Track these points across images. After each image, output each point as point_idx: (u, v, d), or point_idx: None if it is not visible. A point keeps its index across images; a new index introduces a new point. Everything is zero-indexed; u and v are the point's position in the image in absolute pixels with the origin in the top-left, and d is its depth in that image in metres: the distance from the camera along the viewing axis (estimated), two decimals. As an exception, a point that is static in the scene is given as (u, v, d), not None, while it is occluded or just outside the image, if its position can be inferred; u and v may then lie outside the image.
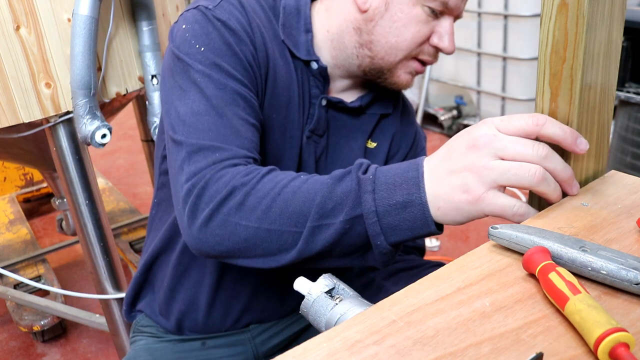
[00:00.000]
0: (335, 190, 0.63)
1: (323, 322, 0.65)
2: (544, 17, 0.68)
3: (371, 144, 0.98)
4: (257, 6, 0.87)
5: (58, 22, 1.26)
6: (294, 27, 0.88)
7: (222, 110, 0.74)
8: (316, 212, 0.63)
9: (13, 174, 2.95)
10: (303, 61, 0.88)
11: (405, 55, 0.86)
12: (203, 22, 0.81)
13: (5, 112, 1.26)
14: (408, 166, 0.64)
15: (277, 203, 0.65)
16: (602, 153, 0.76)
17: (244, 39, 0.81)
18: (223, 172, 0.69)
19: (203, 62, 0.78)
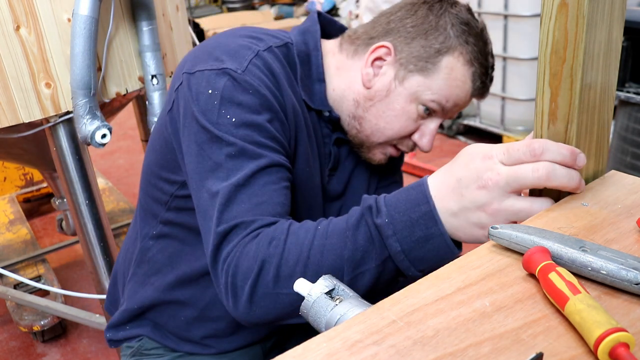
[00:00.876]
0: (357, 240, 0.67)
1: (323, 322, 0.65)
2: (544, 17, 0.68)
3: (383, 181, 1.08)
4: (277, 63, 0.85)
5: (58, 22, 1.26)
6: (307, 75, 0.90)
7: (254, 183, 0.74)
8: (349, 266, 0.67)
9: (13, 174, 2.95)
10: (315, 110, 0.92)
11: (387, 141, 0.92)
12: (232, 89, 0.77)
13: (5, 112, 1.26)
14: (417, 198, 0.66)
15: (310, 267, 0.67)
16: (602, 153, 0.76)
17: (275, 106, 0.80)
18: (249, 246, 0.70)
19: (235, 134, 0.76)
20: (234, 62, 0.79)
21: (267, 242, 0.70)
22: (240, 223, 0.72)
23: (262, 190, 0.74)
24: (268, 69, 0.81)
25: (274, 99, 0.80)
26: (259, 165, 0.75)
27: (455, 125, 3.47)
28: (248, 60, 0.80)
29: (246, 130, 0.76)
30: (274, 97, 0.80)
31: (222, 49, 0.81)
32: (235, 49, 0.82)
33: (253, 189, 0.74)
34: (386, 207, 0.66)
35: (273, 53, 0.85)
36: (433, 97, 0.86)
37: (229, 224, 0.72)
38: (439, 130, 3.69)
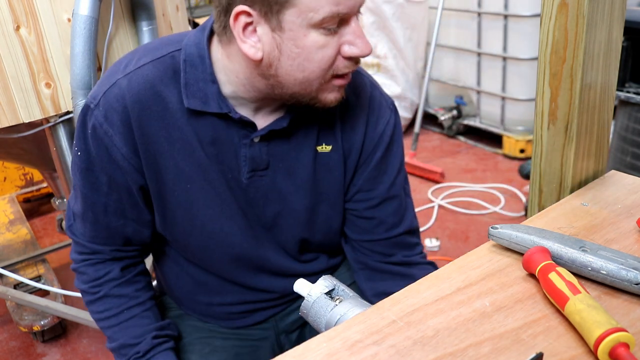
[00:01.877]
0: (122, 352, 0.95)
1: (323, 322, 0.65)
2: (544, 17, 0.68)
3: (325, 147, 0.92)
4: (144, 84, 0.83)
5: (58, 22, 1.26)
6: (200, 79, 0.84)
7: (95, 217, 0.91)
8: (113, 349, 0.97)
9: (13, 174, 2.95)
10: (217, 114, 0.85)
11: (321, 82, 0.81)
12: (80, 124, 0.86)
13: (5, 112, 1.26)
14: None
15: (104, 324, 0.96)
16: (602, 153, 0.76)
17: (115, 145, 0.84)
18: (83, 269, 0.95)
19: (79, 166, 0.88)
20: (94, 91, 0.86)
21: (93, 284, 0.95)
22: (79, 242, 0.95)
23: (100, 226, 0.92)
24: (121, 99, 0.83)
25: (119, 136, 0.84)
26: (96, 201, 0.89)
27: (455, 125, 3.47)
28: (103, 92, 0.85)
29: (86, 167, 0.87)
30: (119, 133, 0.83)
31: (106, 72, 0.89)
32: (107, 73, 0.88)
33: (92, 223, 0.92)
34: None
35: (140, 75, 0.84)
36: (320, 15, 0.75)
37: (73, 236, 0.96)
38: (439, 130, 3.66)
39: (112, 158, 0.85)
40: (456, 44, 3.33)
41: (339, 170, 0.93)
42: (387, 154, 0.95)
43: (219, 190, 0.89)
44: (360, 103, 0.93)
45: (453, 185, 2.85)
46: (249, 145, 0.87)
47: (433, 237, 2.34)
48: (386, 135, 0.94)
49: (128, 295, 0.96)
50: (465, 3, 3.15)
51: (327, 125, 0.92)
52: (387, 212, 0.96)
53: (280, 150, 0.89)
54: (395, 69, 3.44)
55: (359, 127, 0.93)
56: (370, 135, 0.93)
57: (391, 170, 0.96)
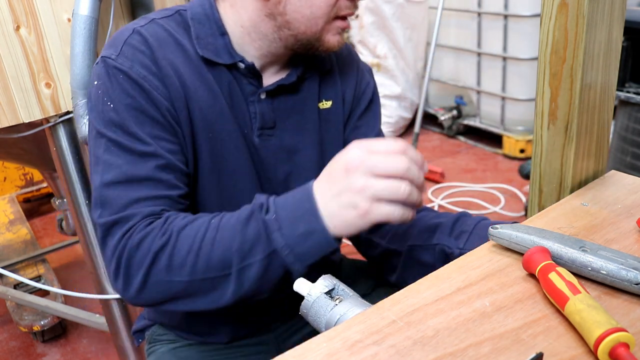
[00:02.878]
0: (246, 234, 0.71)
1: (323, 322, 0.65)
2: (544, 17, 0.68)
3: (325, 104, 0.96)
4: (163, 33, 0.85)
5: (58, 22, 1.26)
6: (209, 34, 0.86)
7: (130, 176, 0.78)
8: (237, 257, 0.71)
9: (13, 174, 2.95)
10: (228, 65, 0.87)
11: (326, 21, 0.84)
12: (108, 75, 0.81)
13: (5, 112, 1.26)
14: (302, 196, 0.71)
15: (201, 257, 0.72)
16: (602, 153, 0.76)
17: (150, 86, 0.80)
18: (140, 236, 0.74)
19: (113, 122, 0.79)
20: (111, 49, 0.83)
21: (161, 233, 0.73)
22: (124, 217, 0.76)
23: (140, 184, 0.78)
24: (144, 43, 0.82)
25: (152, 77, 0.81)
26: (134, 153, 0.78)
27: (455, 125, 3.47)
28: (123, 41, 0.83)
29: (123, 117, 0.79)
30: (151, 74, 0.81)
31: (109, 40, 0.86)
32: (116, 35, 0.85)
33: (131, 185, 0.77)
34: (275, 205, 0.72)
35: (156, 25, 0.85)
36: None
37: (110, 222, 0.76)
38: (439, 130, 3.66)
39: (154, 100, 0.81)
40: (456, 44, 3.33)
41: (340, 123, 0.98)
42: (370, 108, 1.01)
43: (236, 143, 0.88)
44: (351, 56, 1.01)
45: (453, 185, 2.85)
46: (257, 101, 0.89)
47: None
48: (369, 89, 1.01)
49: (202, 216, 0.77)
50: (465, 3, 3.15)
51: (326, 81, 0.96)
52: None
53: (285, 108, 0.92)
54: (395, 69, 3.44)
55: (351, 78, 0.99)
56: (358, 88, 1.00)
57: (374, 122, 1.01)
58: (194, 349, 0.99)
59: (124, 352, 1.57)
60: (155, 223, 0.75)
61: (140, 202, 0.77)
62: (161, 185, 0.79)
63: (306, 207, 0.70)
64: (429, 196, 2.75)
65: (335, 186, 0.69)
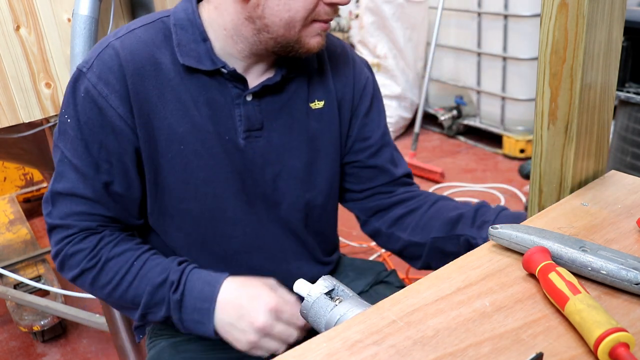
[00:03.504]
0: (154, 297, 0.87)
1: (323, 323, 0.65)
2: (544, 17, 0.68)
3: (317, 104, 0.95)
4: (138, 45, 0.85)
5: (58, 22, 1.26)
6: (191, 40, 0.86)
7: (75, 192, 0.87)
8: (143, 306, 0.87)
9: (13, 174, 2.95)
10: (210, 72, 0.87)
11: (304, 24, 0.83)
12: (72, 89, 0.84)
13: (5, 112, 1.26)
14: (206, 296, 0.85)
15: (118, 290, 0.88)
16: (602, 153, 0.76)
17: (110, 105, 0.83)
18: (73, 249, 0.88)
19: (67, 136, 0.85)
20: (86, 59, 0.85)
21: (91, 256, 0.88)
22: (62, 225, 0.88)
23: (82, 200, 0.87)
24: (115, 59, 0.83)
25: (114, 96, 0.83)
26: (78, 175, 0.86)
27: (455, 125, 3.47)
28: (96, 55, 0.84)
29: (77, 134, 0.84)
30: (113, 94, 0.83)
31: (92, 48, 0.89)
32: (96, 45, 0.87)
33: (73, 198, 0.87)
34: (184, 287, 0.86)
35: (133, 37, 0.86)
36: None
37: (54, 221, 0.89)
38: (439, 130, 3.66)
39: (107, 121, 0.84)
40: (456, 44, 3.33)
41: (335, 124, 0.97)
42: (374, 103, 1.02)
43: (213, 152, 0.88)
44: (345, 55, 1.00)
45: (453, 185, 2.85)
46: (243, 104, 0.88)
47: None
48: (369, 85, 1.01)
49: (132, 248, 0.90)
50: (465, 3, 3.15)
51: (317, 81, 0.96)
52: (386, 159, 1.02)
53: (273, 109, 0.91)
54: (395, 69, 3.44)
55: (347, 78, 0.99)
56: (356, 86, 1.00)
57: (379, 119, 1.02)
58: (193, 343, 1.00)
59: (124, 352, 1.57)
60: (89, 239, 0.88)
61: (80, 215, 0.88)
62: (99, 206, 0.88)
63: (206, 306, 0.84)
64: (429, 196, 2.75)
65: (240, 310, 0.83)
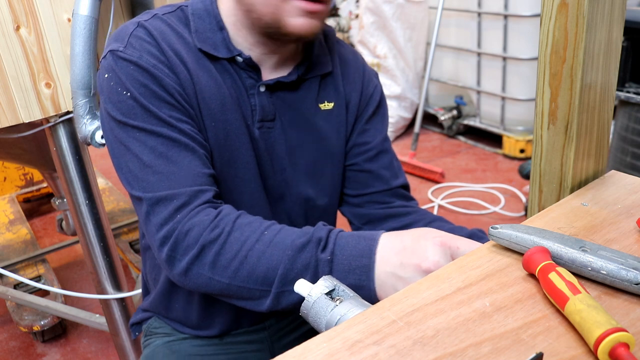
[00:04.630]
0: (296, 262, 0.71)
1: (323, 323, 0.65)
2: (544, 17, 0.68)
3: (327, 105, 0.96)
4: (165, 27, 0.87)
5: (58, 22, 1.26)
6: (208, 29, 0.88)
7: (166, 156, 0.79)
8: (280, 280, 0.71)
9: (13, 174, 2.95)
10: (227, 59, 0.88)
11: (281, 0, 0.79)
12: (118, 67, 0.82)
13: (5, 112, 1.26)
14: (363, 249, 0.71)
15: (245, 266, 0.72)
16: (602, 153, 0.76)
17: (161, 74, 0.82)
18: (190, 224, 0.74)
19: (133, 110, 0.80)
20: (117, 42, 0.84)
21: (212, 227, 0.74)
22: (167, 196, 0.76)
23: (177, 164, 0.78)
24: (150, 35, 0.84)
25: (162, 65, 0.83)
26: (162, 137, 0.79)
27: (455, 125, 3.47)
28: (129, 34, 0.84)
29: (142, 103, 0.80)
30: (160, 63, 0.83)
31: (114, 34, 0.87)
32: (120, 29, 0.87)
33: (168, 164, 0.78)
34: (333, 245, 0.72)
35: (159, 19, 0.87)
36: None
37: (154, 199, 0.76)
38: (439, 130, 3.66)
39: (165, 86, 0.82)
40: (456, 44, 3.33)
41: (342, 126, 0.99)
42: (378, 110, 1.02)
43: (238, 133, 0.89)
44: (356, 61, 1.02)
45: (453, 185, 2.85)
46: (257, 94, 0.90)
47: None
48: (377, 93, 1.02)
49: (258, 220, 0.77)
50: (465, 3, 3.16)
51: (329, 82, 0.97)
52: (384, 165, 1.02)
53: (283, 104, 0.93)
54: (395, 69, 3.44)
55: (357, 82, 1.00)
56: (364, 91, 1.01)
57: (381, 126, 1.03)
58: (187, 342, 1.01)
59: (124, 352, 1.57)
60: (206, 211, 0.75)
61: (183, 180, 0.77)
62: (197, 163, 0.79)
63: (363, 262, 0.70)
64: (429, 196, 2.75)
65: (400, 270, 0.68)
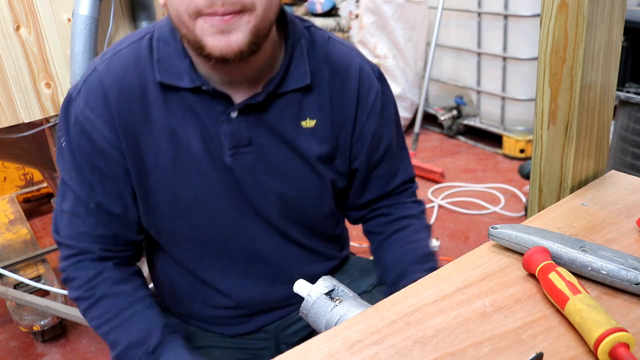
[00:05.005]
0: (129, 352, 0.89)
1: (323, 323, 0.65)
2: (544, 17, 0.68)
3: (309, 122, 0.90)
4: (123, 69, 0.83)
5: (58, 22, 1.26)
6: (173, 55, 0.83)
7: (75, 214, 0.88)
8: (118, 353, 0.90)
9: (13, 174, 2.95)
10: (191, 89, 0.83)
11: (189, 16, 0.73)
12: (63, 114, 0.86)
13: (5, 112, 1.26)
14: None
15: (104, 328, 0.91)
16: (602, 153, 0.76)
17: (97, 130, 0.83)
18: (74, 274, 0.90)
19: (64, 158, 0.87)
20: (77, 81, 0.87)
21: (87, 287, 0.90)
22: (65, 244, 0.90)
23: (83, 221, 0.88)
24: (100, 84, 0.83)
25: (101, 122, 0.83)
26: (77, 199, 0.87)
27: (455, 125, 3.47)
28: (84, 79, 0.85)
29: (72, 158, 0.86)
30: (100, 119, 0.83)
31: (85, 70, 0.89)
32: (87, 68, 0.88)
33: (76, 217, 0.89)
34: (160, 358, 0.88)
35: (118, 59, 0.85)
36: None
37: (60, 239, 0.91)
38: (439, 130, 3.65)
39: (96, 145, 0.84)
40: (456, 44, 3.33)
41: (326, 146, 0.92)
42: (381, 123, 0.95)
43: (202, 170, 0.87)
44: (350, 74, 0.91)
45: (453, 185, 2.85)
46: (227, 121, 0.85)
47: (433, 237, 2.34)
48: (377, 105, 0.94)
49: (127, 293, 0.91)
50: (465, 3, 3.15)
51: (310, 98, 0.89)
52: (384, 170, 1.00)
53: (261, 124, 0.87)
54: (395, 69, 3.44)
55: (350, 99, 0.92)
56: (362, 107, 0.93)
57: (387, 136, 0.98)
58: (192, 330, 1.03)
59: (124, 352, 1.57)
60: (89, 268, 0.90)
61: (81, 236, 0.89)
62: (99, 227, 0.89)
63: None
64: (429, 196, 2.75)
65: None
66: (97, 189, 0.87)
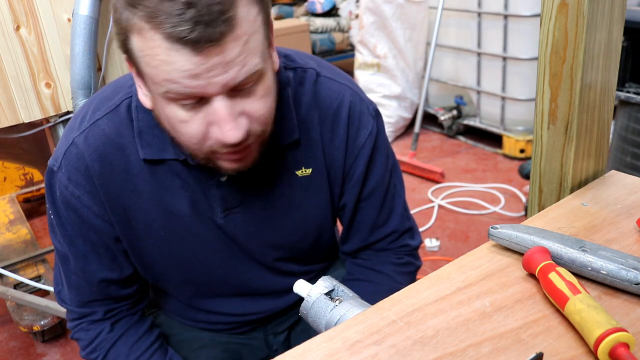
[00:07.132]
0: None
1: (323, 323, 0.65)
2: (544, 17, 0.68)
3: (305, 171, 0.86)
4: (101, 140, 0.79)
5: (58, 22, 1.26)
6: (154, 124, 0.77)
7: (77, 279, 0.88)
8: None
9: (13, 174, 2.95)
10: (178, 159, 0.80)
11: (202, 152, 0.72)
12: (48, 188, 0.85)
13: (5, 112, 1.26)
14: None
15: None
16: (602, 153, 0.76)
17: (84, 205, 0.82)
18: (77, 335, 0.92)
19: (54, 229, 0.87)
20: (55, 156, 0.83)
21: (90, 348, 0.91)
22: (68, 309, 0.92)
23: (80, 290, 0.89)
24: (80, 158, 0.80)
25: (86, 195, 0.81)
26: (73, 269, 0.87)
27: (455, 125, 3.47)
28: (63, 153, 0.81)
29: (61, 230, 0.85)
30: (84, 192, 0.81)
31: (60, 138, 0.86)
32: (66, 130, 0.85)
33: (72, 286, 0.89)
34: None
35: (96, 129, 0.80)
36: (163, 89, 0.65)
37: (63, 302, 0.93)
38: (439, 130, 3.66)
39: (84, 219, 0.83)
40: (456, 44, 3.33)
41: (324, 191, 0.89)
42: (370, 166, 0.90)
43: (194, 232, 0.86)
44: (340, 115, 0.86)
45: (453, 185, 2.85)
46: (217, 185, 0.82)
47: (433, 237, 2.34)
48: (366, 148, 0.88)
49: (124, 354, 0.92)
50: (465, 3, 3.15)
51: (304, 148, 0.86)
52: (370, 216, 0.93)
53: (251, 185, 0.84)
54: (395, 69, 3.44)
55: (339, 142, 0.87)
56: (350, 150, 0.88)
57: (374, 177, 0.91)
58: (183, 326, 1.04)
59: (124, 352, 1.57)
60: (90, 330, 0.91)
61: (80, 303, 0.90)
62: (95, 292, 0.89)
63: None
64: (429, 196, 2.75)
65: None
66: (90, 258, 0.86)
